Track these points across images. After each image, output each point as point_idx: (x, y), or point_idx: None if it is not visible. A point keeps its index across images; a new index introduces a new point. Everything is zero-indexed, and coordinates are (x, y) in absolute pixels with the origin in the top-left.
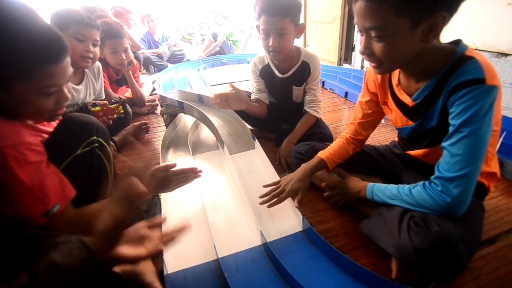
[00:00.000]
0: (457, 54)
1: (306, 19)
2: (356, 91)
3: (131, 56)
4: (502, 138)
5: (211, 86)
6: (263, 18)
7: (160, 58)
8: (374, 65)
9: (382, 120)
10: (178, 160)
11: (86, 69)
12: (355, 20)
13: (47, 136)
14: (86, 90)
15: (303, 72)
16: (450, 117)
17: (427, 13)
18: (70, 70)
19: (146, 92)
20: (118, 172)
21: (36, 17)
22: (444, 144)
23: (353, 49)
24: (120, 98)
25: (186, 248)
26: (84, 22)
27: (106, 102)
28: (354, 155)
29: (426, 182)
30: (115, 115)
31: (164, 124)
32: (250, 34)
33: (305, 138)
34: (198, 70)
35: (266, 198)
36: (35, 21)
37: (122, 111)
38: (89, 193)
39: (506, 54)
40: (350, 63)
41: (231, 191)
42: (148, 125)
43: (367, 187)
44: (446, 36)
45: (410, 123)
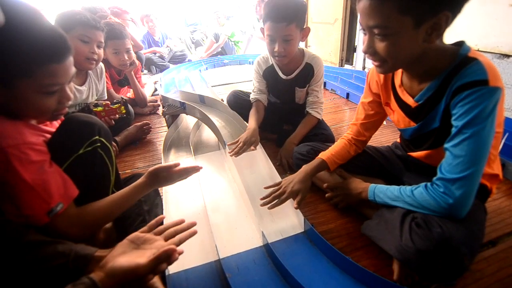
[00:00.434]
0: (460, 55)
1: (307, 20)
2: (357, 92)
3: (133, 56)
4: (504, 140)
5: (213, 86)
6: (269, 24)
7: (161, 58)
8: (377, 64)
9: (384, 121)
10: (180, 160)
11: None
12: (359, 19)
13: (50, 136)
14: (89, 90)
15: (307, 73)
16: (453, 118)
17: (431, 12)
18: (73, 70)
19: (148, 92)
20: (120, 172)
21: (39, 16)
22: (446, 145)
23: (354, 50)
24: (122, 98)
25: (187, 248)
26: (89, 24)
27: (108, 102)
28: (355, 156)
29: (428, 184)
30: (117, 116)
31: (166, 124)
32: (252, 35)
33: (306, 139)
34: (200, 70)
35: (267, 199)
36: (39, 20)
37: (124, 112)
38: (91, 192)
39: (508, 56)
40: (352, 64)
41: (233, 192)
42: (150, 125)
43: (369, 188)
44: (448, 37)
45: (413, 124)
